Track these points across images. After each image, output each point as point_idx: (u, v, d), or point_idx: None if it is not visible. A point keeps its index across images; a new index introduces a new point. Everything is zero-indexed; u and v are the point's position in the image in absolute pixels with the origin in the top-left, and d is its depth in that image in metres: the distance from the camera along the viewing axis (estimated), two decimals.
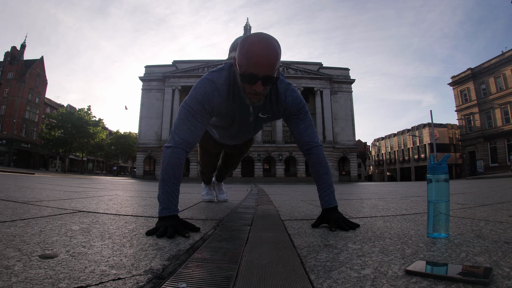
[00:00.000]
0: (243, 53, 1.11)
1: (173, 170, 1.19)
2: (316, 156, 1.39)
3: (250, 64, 1.10)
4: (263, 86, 1.14)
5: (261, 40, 1.10)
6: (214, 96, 1.24)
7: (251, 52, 1.09)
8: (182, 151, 1.22)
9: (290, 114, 1.39)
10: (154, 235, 1.05)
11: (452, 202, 2.09)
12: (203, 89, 1.24)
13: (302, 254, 0.85)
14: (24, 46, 37.64)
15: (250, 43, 1.10)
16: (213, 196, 2.68)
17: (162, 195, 1.18)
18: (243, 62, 1.12)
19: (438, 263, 0.72)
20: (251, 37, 1.13)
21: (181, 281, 0.64)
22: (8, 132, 33.73)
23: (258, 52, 1.08)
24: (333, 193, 1.36)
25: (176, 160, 1.20)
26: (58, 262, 0.70)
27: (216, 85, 1.24)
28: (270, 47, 1.09)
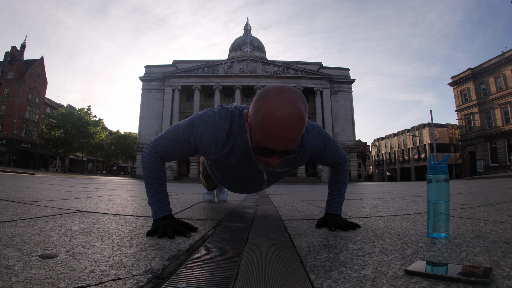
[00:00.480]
0: (258, 120, 0.85)
1: (152, 174, 1.17)
2: (341, 168, 1.38)
3: (266, 137, 0.85)
4: (280, 158, 0.93)
5: (283, 104, 0.82)
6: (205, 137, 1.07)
7: (269, 122, 0.82)
8: (156, 159, 1.17)
9: (316, 155, 1.26)
10: (157, 236, 1.04)
11: (452, 202, 2.09)
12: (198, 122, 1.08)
13: (302, 254, 0.85)
14: (24, 46, 37.63)
15: (268, 108, 0.83)
16: (213, 196, 2.68)
17: (151, 199, 1.17)
18: (257, 131, 0.87)
19: (438, 263, 0.72)
20: (271, 97, 0.85)
21: (181, 281, 0.64)
22: (8, 132, 33.73)
23: (278, 124, 0.81)
24: (342, 203, 1.37)
25: (153, 165, 1.17)
26: (58, 262, 0.70)
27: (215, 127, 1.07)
28: (294, 115, 0.82)
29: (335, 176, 1.38)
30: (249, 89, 31.23)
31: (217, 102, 30.22)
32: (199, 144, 1.10)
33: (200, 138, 1.08)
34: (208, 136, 1.07)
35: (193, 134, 1.08)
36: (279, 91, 0.86)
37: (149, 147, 1.18)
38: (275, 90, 0.87)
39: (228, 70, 31.26)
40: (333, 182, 1.39)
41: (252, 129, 0.90)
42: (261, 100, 0.86)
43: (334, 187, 1.38)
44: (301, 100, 0.86)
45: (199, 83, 30.79)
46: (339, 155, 1.33)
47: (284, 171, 1.28)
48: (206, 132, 1.07)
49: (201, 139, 1.08)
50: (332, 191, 1.38)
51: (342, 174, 1.38)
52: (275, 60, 32.08)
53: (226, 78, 30.88)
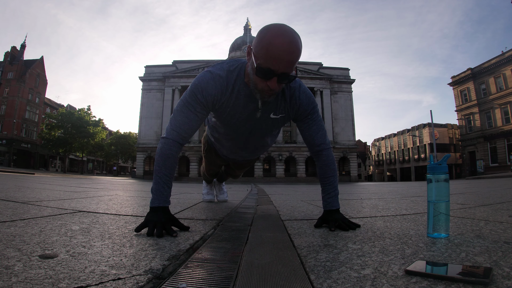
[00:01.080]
0: (262, 45, 1.01)
1: (164, 161, 1.19)
2: (326, 158, 1.37)
3: (269, 57, 1.00)
4: (278, 83, 1.07)
5: (284, 33, 1.00)
6: (209, 86, 1.18)
7: (272, 44, 0.99)
8: (174, 142, 1.21)
9: (303, 114, 1.32)
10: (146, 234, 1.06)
11: (452, 202, 2.09)
12: (198, 80, 1.20)
13: (302, 254, 0.85)
14: (24, 46, 37.65)
15: (272, 35, 1.00)
16: (213, 196, 2.68)
17: (154, 185, 1.19)
18: (261, 54, 1.02)
19: (438, 263, 0.72)
20: (274, 28, 1.02)
21: (181, 281, 0.64)
22: (8, 132, 33.73)
23: (279, 46, 0.98)
24: (337, 195, 1.36)
25: (167, 151, 1.20)
26: (58, 262, 0.70)
27: (214, 75, 1.19)
28: (293, 42, 1.00)
29: (323, 170, 1.38)
30: None
31: None
32: (207, 96, 1.19)
33: (206, 89, 1.18)
34: (211, 86, 1.18)
35: (199, 91, 1.18)
36: (279, 25, 1.04)
37: (166, 132, 1.23)
38: (276, 24, 1.04)
39: None
40: (323, 177, 1.38)
41: (255, 55, 1.05)
42: (264, 31, 1.03)
43: (325, 182, 1.37)
44: (298, 35, 1.04)
45: None
46: (323, 134, 1.37)
47: (278, 118, 1.34)
48: (208, 83, 1.18)
49: (207, 90, 1.19)
50: (324, 186, 1.37)
51: (329, 166, 1.37)
52: None
53: None
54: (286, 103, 1.29)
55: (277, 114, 1.32)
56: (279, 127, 1.48)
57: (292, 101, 1.29)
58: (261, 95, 1.14)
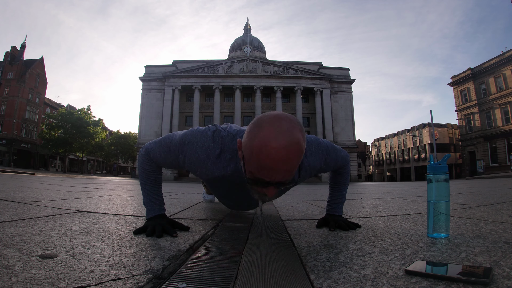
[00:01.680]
0: (252, 151, 0.78)
1: (146, 175, 1.19)
2: (342, 170, 1.35)
3: (261, 169, 0.79)
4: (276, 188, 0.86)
5: (280, 134, 0.76)
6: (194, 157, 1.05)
7: (264, 154, 0.76)
8: (153, 163, 1.17)
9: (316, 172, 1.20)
10: (145, 235, 1.06)
11: (452, 202, 2.09)
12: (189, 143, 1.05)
13: (302, 254, 0.85)
14: (24, 46, 37.63)
15: (263, 138, 0.76)
16: (213, 196, 2.67)
17: (145, 198, 1.19)
18: (252, 162, 0.81)
19: (438, 263, 0.72)
20: (266, 126, 0.78)
21: (181, 281, 0.64)
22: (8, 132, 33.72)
23: (274, 155, 0.75)
24: (343, 203, 1.37)
25: (148, 167, 1.18)
26: (58, 262, 0.70)
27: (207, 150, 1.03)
28: (291, 146, 0.76)
29: (336, 178, 1.37)
30: (249, 89, 31.23)
31: (217, 102, 30.23)
32: (188, 164, 1.07)
33: (189, 157, 1.05)
34: (197, 157, 1.04)
35: (182, 152, 1.06)
36: (274, 119, 0.80)
37: (144, 149, 1.18)
38: (270, 118, 0.81)
39: (228, 70, 31.26)
40: (334, 183, 1.38)
41: (246, 159, 0.84)
42: (255, 129, 0.80)
43: (335, 188, 1.38)
44: (299, 129, 0.80)
45: (199, 83, 30.78)
46: (340, 160, 1.28)
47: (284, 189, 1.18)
48: (195, 153, 1.04)
49: (190, 159, 1.05)
50: (333, 192, 1.38)
51: (343, 176, 1.37)
52: (275, 60, 32.07)
53: (226, 78, 30.87)
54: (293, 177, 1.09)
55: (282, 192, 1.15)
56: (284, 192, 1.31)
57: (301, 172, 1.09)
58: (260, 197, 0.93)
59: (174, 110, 30.61)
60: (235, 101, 30.59)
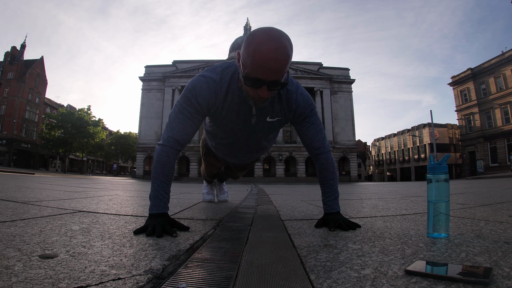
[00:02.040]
0: (248, 53, 0.97)
1: (161, 168, 1.19)
2: (325, 161, 1.35)
3: (256, 67, 0.97)
4: (268, 91, 1.04)
5: (270, 39, 0.95)
6: (203, 90, 1.17)
7: (258, 53, 0.95)
8: (171, 149, 1.21)
9: (300, 116, 1.29)
10: (145, 234, 1.06)
11: (452, 202, 2.09)
12: (192, 84, 1.19)
13: (302, 254, 0.85)
14: (24, 46, 37.64)
15: (257, 43, 0.96)
16: (213, 196, 2.68)
17: (152, 192, 1.19)
18: (248, 63, 0.99)
19: (438, 263, 0.72)
20: (259, 34, 0.97)
21: (181, 281, 0.64)
22: (8, 132, 33.73)
23: (266, 54, 0.94)
24: (337, 198, 1.35)
25: (164, 158, 1.20)
26: (58, 262, 0.70)
27: (207, 79, 1.18)
28: (280, 48, 0.95)
29: (322, 174, 1.37)
30: None
31: None
32: (201, 100, 1.18)
33: (200, 94, 1.17)
34: (205, 89, 1.17)
35: (193, 95, 1.17)
36: (266, 29, 0.99)
37: (162, 139, 1.23)
38: (262, 29, 1.00)
39: None
40: (323, 181, 1.37)
41: (243, 63, 1.01)
42: (250, 37, 0.99)
43: (325, 185, 1.36)
44: (286, 38, 0.98)
45: None
46: (322, 138, 1.34)
47: (274, 121, 1.31)
48: (202, 87, 1.17)
49: (201, 95, 1.17)
50: (324, 189, 1.37)
51: (328, 169, 1.36)
52: None
53: None
54: (283, 106, 1.27)
55: (273, 117, 1.29)
56: (276, 130, 1.45)
57: (289, 104, 1.26)
58: (254, 102, 1.13)
59: None
60: None
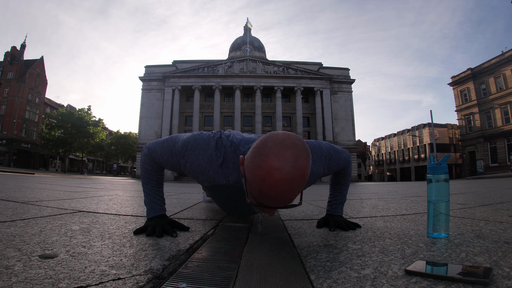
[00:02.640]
0: (256, 179, 0.75)
1: (149, 175, 1.19)
2: (344, 171, 1.34)
3: (264, 198, 0.77)
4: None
5: (283, 166, 0.71)
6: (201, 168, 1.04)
7: (268, 185, 0.73)
8: (155, 163, 1.17)
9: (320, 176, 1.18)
10: (144, 234, 1.06)
11: (452, 202, 2.09)
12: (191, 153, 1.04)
13: (302, 254, 0.85)
14: (24, 46, 37.62)
15: (268, 169, 0.72)
16: None
17: (146, 198, 1.19)
18: (254, 188, 0.78)
19: (438, 263, 0.72)
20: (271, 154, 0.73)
21: (181, 281, 0.64)
22: (8, 132, 33.72)
23: (278, 188, 0.73)
24: (343, 203, 1.37)
25: (150, 167, 1.18)
26: (58, 262, 0.70)
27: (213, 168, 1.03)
28: (297, 178, 0.73)
29: (337, 179, 1.37)
30: (249, 89, 31.22)
31: (217, 102, 30.22)
32: (189, 170, 1.07)
33: (190, 164, 1.05)
34: (198, 164, 1.04)
35: (184, 157, 1.05)
36: (280, 147, 0.74)
37: (146, 148, 1.17)
38: (275, 145, 0.75)
39: (228, 70, 31.25)
40: (335, 184, 1.38)
41: (248, 182, 0.81)
42: (259, 155, 0.75)
43: (336, 189, 1.37)
44: (305, 156, 0.75)
45: (199, 83, 30.78)
46: (343, 162, 1.26)
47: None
48: (197, 160, 1.03)
49: (191, 165, 1.05)
50: (333, 192, 1.38)
51: (345, 177, 1.36)
52: (275, 60, 32.06)
53: (226, 78, 30.87)
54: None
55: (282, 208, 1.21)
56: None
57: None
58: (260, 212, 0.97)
59: (174, 110, 30.60)
60: (235, 101, 30.59)
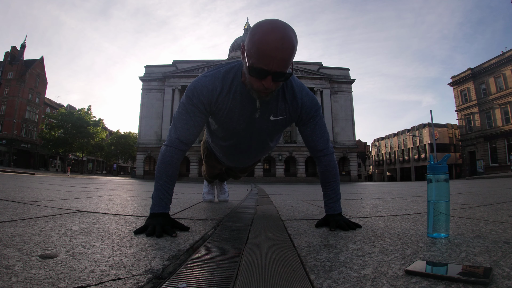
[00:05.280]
0: (253, 43, 0.96)
1: (165, 168, 1.20)
2: (328, 163, 1.35)
3: (261, 56, 0.96)
4: (273, 82, 1.03)
5: (276, 29, 0.94)
6: (204, 88, 1.17)
7: (263, 42, 0.94)
8: (176, 150, 1.21)
9: (306, 116, 1.28)
10: (144, 234, 1.06)
11: (452, 202, 2.09)
12: (193, 84, 1.19)
13: (302, 254, 0.85)
14: (24, 46, 37.64)
15: (262, 32, 0.95)
16: (213, 196, 2.68)
17: (155, 192, 1.19)
18: (253, 53, 0.98)
19: (438, 263, 0.72)
20: (265, 24, 0.97)
21: (181, 281, 0.64)
22: (8, 132, 33.73)
23: (271, 43, 0.93)
24: (339, 200, 1.35)
25: (168, 159, 1.20)
26: (58, 262, 0.70)
27: (208, 78, 1.18)
28: (285, 38, 0.94)
29: (325, 175, 1.36)
30: None
31: None
32: (203, 99, 1.18)
33: (201, 92, 1.17)
34: (206, 88, 1.17)
35: (194, 95, 1.17)
36: (271, 20, 0.98)
37: (167, 139, 1.23)
38: (268, 20, 0.99)
39: None
40: (325, 182, 1.36)
41: (248, 54, 1.00)
42: (255, 28, 0.98)
43: (327, 186, 1.36)
44: (291, 29, 0.98)
45: None
46: (326, 139, 1.35)
47: (278, 120, 1.29)
48: (203, 86, 1.17)
49: (202, 93, 1.17)
50: (326, 191, 1.36)
51: (331, 171, 1.35)
52: None
53: None
54: (287, 105, 1.25)
55: (277, 115, 1.27)
56: (280, 130, 1.42)
57: (294, 102, 1.24)
58: (258, 94, 1.10)
59: (174, 110, 30.53)
60: None
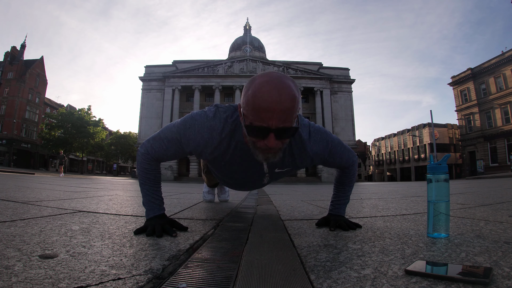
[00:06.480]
0: (248, 99, 0.87)
1: (146, 175, 1.18)
2: (349, 172, 1.34)
3: (257, 112, 0.85)
4: (278, 140, 0.90)
5: (271, 80, 0.85)
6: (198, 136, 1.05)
7: (258, 96, 0.84)
8: (152, 159, 1.16)
9: (320, 161, 1.22)
10: (144, 234, 1.06)
11: (452, 202, 2.09)
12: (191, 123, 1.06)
13: (302, 254, 0.85)
14: (24, 46, 37.62)
15: (256, 86, 0.86)
16: (213, 196, 2.68)
17: (144, 199, 1.19)
18: (248, 110, 0.87)
19: (438, 263, 0.72)
20: (258, 77, 0.89)
21: (181, 281, 0.64)
22: (8, 132, 33.72)
23: (266, 96, 0.83)
24: (346, 204, 1.36)
25: (147, 166, 1.17)
26: (58, 262, 0.70)
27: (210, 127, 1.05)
28: (283, 88, 0.84)
29: (342, 178, 1.36)
30: None
31: (217, 102, 30.21)
32: (192, 148, 1.08)
33: (193, 140, 1.06)
34: (201, 137, 1.05)
35: (185, 136, 1.06)
36: (266, 73, 0.91)
37: (143, 147, 1.17)
38: (262, 73, 0.91)
39: (228, 70, 31.26)
40: (339, 184, 1.37)
41: (245, 112, 0.90)
42: (249, 83, 0.91)
43: (340, 189, 1.37)
44: (289, 79, 0.89)
45: (199, 83, 30.79)
46: (346, 158, 1.27)
47: (283, 171, 1.26)
48: (199, 134, 1.05)
49: (194, 141, 1.06)
50: (337, 192, 1.37)
51: (349, 177, 1.35)
52: (275, 60, 32.08)
53: (226, 78, 30.88)
54: (294, 158, 1.17)
55: (282, 168, 1.21)
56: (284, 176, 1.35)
57: (303, 154, 1.16)
58: (263, 156, 0.96)
59: (174, 110, 30.60)
60: (235, 101, 30.59)
